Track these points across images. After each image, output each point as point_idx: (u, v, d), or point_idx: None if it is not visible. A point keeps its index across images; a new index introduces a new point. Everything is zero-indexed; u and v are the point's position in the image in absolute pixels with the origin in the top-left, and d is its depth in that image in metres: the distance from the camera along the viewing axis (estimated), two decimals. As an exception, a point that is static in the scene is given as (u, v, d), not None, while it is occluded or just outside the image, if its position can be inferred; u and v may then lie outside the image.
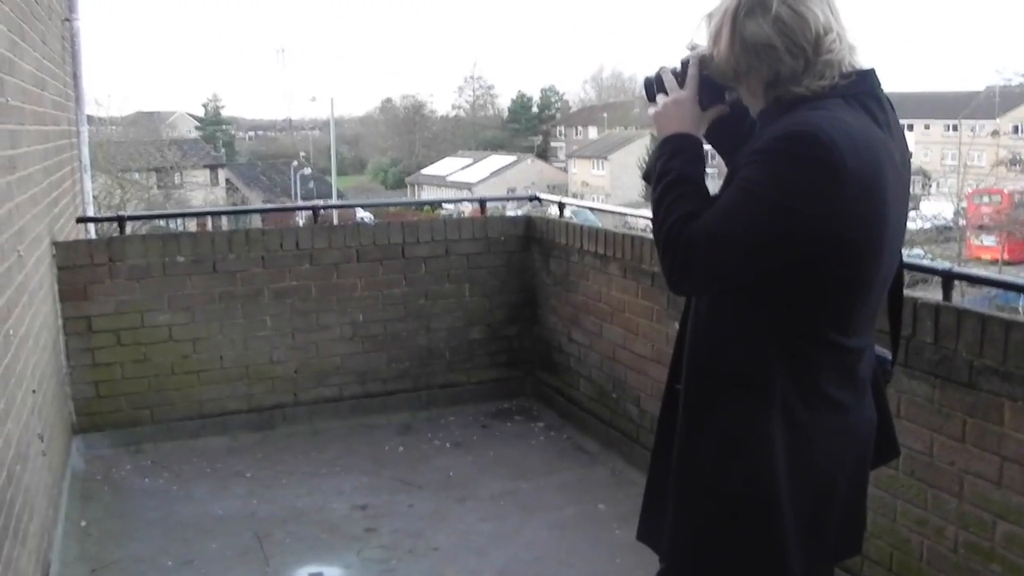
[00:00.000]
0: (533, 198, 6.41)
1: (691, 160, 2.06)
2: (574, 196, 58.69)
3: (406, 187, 67.13)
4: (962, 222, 33.96)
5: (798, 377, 1.96)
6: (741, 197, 1.88)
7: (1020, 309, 16.08)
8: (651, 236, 5.03)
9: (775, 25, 1.92)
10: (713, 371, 2.04)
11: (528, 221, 6.04)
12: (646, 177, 2.15)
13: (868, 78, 1.99)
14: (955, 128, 47.58)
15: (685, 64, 2.16)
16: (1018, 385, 2.86)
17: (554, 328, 5.82)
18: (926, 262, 4.71)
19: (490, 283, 6.00)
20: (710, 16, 2.07)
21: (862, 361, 2.06)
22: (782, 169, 1.84)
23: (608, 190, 55.46)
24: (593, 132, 71.96)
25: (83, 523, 4.40)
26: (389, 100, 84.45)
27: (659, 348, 4.72)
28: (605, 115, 73.26)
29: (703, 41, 2.11)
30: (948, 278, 3.21)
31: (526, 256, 6.01)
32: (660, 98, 2.16)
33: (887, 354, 2.23)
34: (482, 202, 6.39)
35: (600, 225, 5.62)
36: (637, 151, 55.02)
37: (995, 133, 42.23)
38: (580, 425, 5.52)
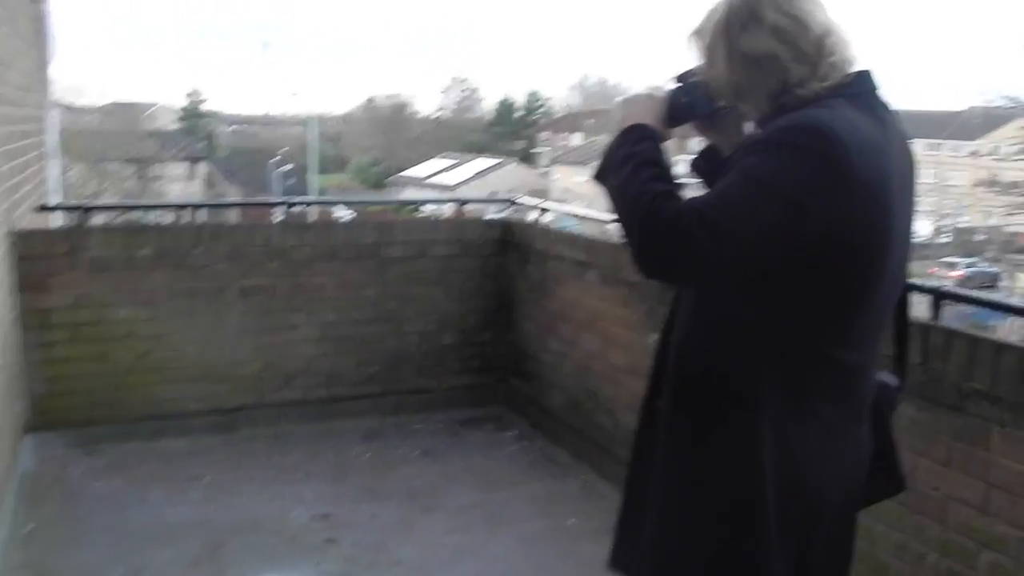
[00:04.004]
0: (512, 201, 6.25)
1: (659, 150, 1.90)
2: (556, 202, 58.66)
3: (387, 188, 66.76)
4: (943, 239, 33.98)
5: (790, 391, 1.82)
6: (740, 183, 1.71)
7: (997, 328, 16.03)
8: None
9: (774, 34, 1.82)
10: (699, 382, 1.90)
11: (506, 225, 5.89)
12: (600, 173, 1.95)
13: (868, 78, 1.87)
14: (937, 147, 47.90)
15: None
16: (1007, 410, 2.74)
17: (529, 335, 5.67)
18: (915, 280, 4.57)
19: (465, 287, 5.85)
20: (698, 34, 1.94)
21: (862, 381, 1.91)
22: (787, 161, 1.70)
23: (590, 197, 55.33)
24: (577, 138, 71.86)
25: (29, 527, 4.21)
26: (372, 99, 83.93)
27: (635, 359, 4.57)
28: (589, 122, 73.22)
29: (692, 62, 1.99)
30: (938, 297, 3.08)
31: (503, 260, 5.86)
32: (630, 102, 2.04)
33: (893, 380, 2.09)
34: (461, 203, 6.22)
35: (582, 231, 5.49)
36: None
37: (975, 153, 42.41)
38: (552, 435, 5.37)
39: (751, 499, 1.83)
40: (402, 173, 65.91)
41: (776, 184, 1.69)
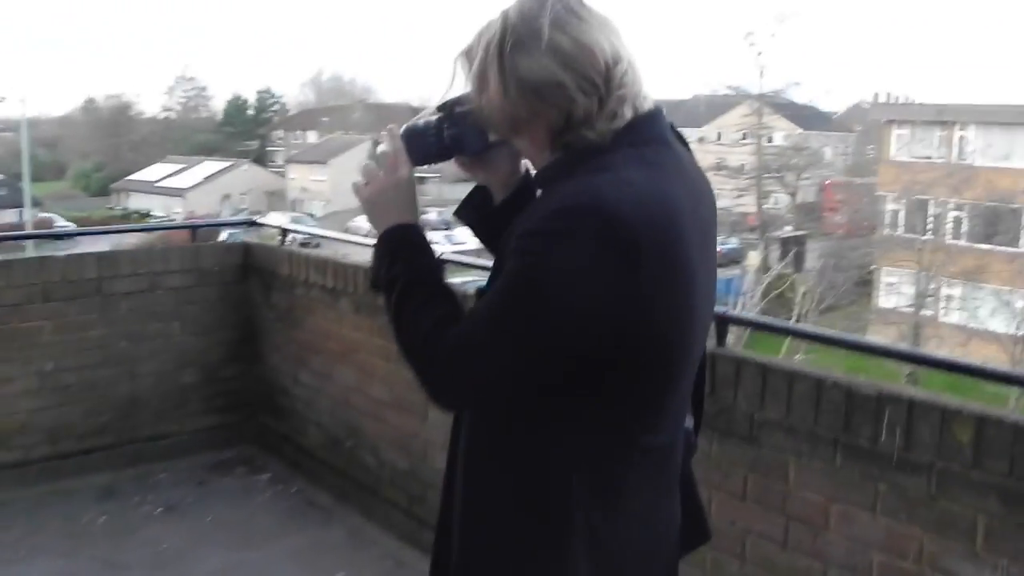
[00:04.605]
0: (253, 222, 5.76)
1: (415, 256, 1.72)
2: (293, 202, 57.53)
3: (111, 194, 63.22)
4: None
5: (599, 491, 1.59)
6: (508, 294, 1.51)
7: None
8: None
9: (556, 57, 1.54)
10: (494, 491, 1.63)
11: (246, 248, 5.42)
12: (374, 285, 1.76)
13: (659, 120, 1.64)
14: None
15: (437, 122, 1.79)
16: (804, 441, 2.65)
17: (278, 368, 5.25)
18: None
19: (204, 319, 5.34)
20: (467, 56, 1.66)
21: (673, 455, 1.73)
22: (559, 255, 1.47)
23: (329, 196, 54.47)
24: (313, 136, 70.62)
25: None
26: (92, 100, 79.39)
27: (398, 392, 4.28)
28: (325, 119, 72.15)
29: (461, 87, 1.71)
30: (722, 322, 2.95)
31: (245, 288, 5.39)
32: (370, 171, 1.78)
33: (689, 421, 1.89)
34: (193, 228, 5.64)
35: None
36: (358, 156, 54.38)
37: (702, 140, 44.88)
38: (311, 476, 4.97)
39: None
40: (128, 178, 62.71)
41: (553, 290, 1.47)
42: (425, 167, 1.88)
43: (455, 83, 1.71)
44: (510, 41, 1.57)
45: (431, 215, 40.08)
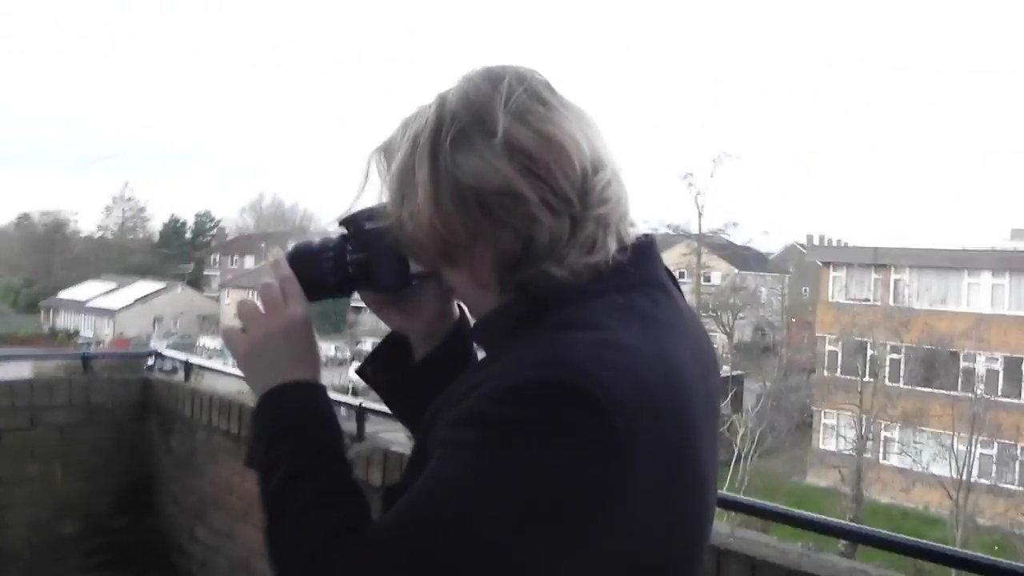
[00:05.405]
0: (154, 354, 5.13)
1: (307, 430, 1.19)
2: (225, 330, 56.54)
3: (40, 311, 61.75)
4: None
5: None
6: (432, 506, 0.99)
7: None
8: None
9: (513, 158, 1.05)
10: None
11: (145, 383, 4.81)
12: (248, 464, 1.21)
13: (650, 254, 1.15)
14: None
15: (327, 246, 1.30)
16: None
17: (174, 521, 4.58)
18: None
19: (91, 462, 4.69)
20: (386, 152, 1.17)
21: None
22: (512, 460, 0.96)
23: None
24: (250, 262, 69.98)
25: None
26: (27, 215, 78.22)
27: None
28: (263, 244, 71.68)
29: (373, 199, 1.21)
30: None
31: (141, 428, 4.77)
32: (248, 311, 1.29)
33: None
34: (85, 359, 4.95)
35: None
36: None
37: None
38: (204, 652, 4.26)
39: None
40: (59, 296, 61.50)
41: (497, 503, 0.96)
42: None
43: (367, 189, 1.20)
44: (449, 133, 1.07)
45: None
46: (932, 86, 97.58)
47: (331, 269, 1.27)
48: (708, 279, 42.78)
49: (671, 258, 40.86)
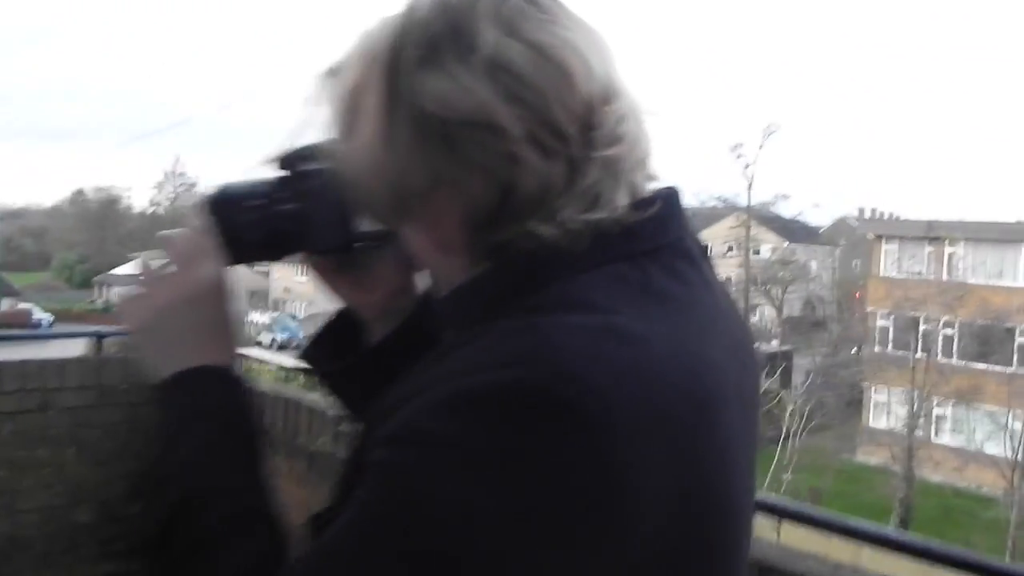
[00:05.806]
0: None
1: (214, 428, 0.94)
2: (275, 303, 57.04)
3: (93, 287, 62.93)
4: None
5: None
6: (367, 536, 0.77)
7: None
8: (311, 400, 3.86)
9: (495, 78, 0.79)
10: None
11: (159, 365, 4.66)
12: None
13: (672, 213, 0.88)
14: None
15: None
16: None
17: (188, 508, 4.45)
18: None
19: (105, 447, 4.58)
20: (336, 76, 0.89)
21: None
22: (460, 495, 0.74)
23: (311, 296, 54.06)
24: (299, 235, 70.85)
25: None
26: (81, 192, 79.69)
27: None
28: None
29: (318, 133, 0.93)
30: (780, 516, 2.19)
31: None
32: (150, 273, 1.02)
33: None
34: (99, 337, 4.82)
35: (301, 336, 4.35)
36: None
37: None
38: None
39: None
40: (112, 271, 62.55)
41: (452, 548, 0.73)
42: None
43: (310, 123, 0.94)
44: (415, 48, 0.82)
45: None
46: (989, 55, 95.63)
47: (255, 221, 1.01)
48: (757, 252, 42.30)
49: (719, 231, 40.51)
